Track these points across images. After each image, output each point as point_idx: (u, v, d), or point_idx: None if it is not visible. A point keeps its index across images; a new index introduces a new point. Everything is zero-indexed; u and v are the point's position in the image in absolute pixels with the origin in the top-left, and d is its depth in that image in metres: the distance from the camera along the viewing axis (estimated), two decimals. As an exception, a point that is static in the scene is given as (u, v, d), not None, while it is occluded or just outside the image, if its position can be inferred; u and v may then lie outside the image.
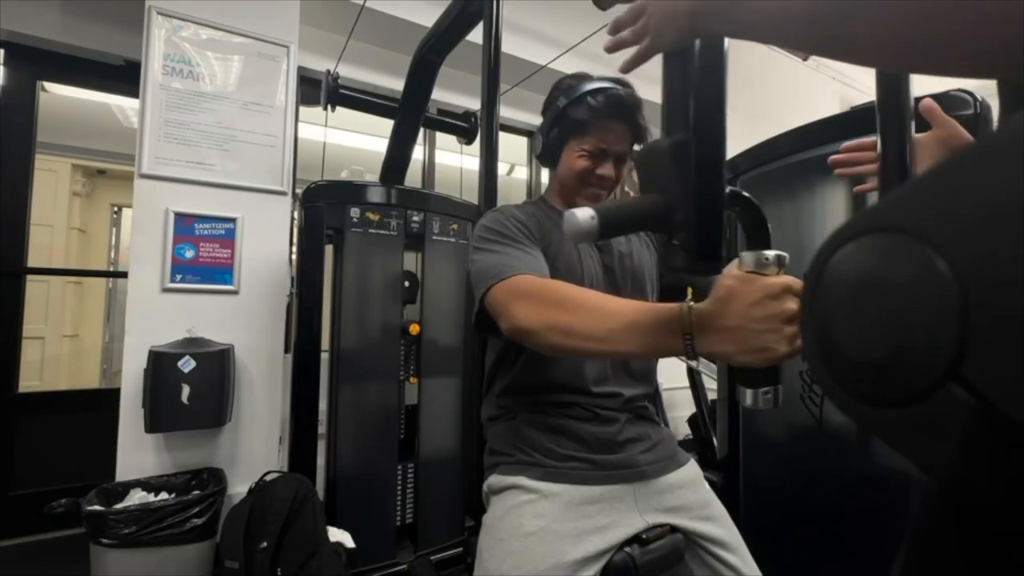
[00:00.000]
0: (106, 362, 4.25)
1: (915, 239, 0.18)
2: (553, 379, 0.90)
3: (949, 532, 0.20)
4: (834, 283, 0.20)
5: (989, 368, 0.16)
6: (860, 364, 0.19)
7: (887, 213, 0.19)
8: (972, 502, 0.18)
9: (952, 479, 0.18)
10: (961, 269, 0.17)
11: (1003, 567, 0.18)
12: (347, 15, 2.36)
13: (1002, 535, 0.18)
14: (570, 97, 0.94)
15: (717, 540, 0.88)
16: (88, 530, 1.47)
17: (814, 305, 0.21)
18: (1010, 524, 0.17)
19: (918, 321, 0.17)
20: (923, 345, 0.17)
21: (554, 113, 0.96)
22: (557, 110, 0.95)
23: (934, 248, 0.17)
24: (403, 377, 2.08)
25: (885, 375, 0.18)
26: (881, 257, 0.19)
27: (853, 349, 0.19)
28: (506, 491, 0.88)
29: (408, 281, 2.09)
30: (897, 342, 0.18)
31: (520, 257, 0.82)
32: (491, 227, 0.88)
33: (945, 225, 0.17)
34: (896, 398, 0.18)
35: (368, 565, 1.85)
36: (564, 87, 0.98)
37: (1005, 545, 0.18)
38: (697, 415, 2.58)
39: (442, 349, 2.15)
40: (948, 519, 0.20)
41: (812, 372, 0.21)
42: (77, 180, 4.07)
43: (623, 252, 1.01)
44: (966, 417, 0.16)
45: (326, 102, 2.16)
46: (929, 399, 0.17)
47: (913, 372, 0.17)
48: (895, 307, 0.18)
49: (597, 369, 0.91)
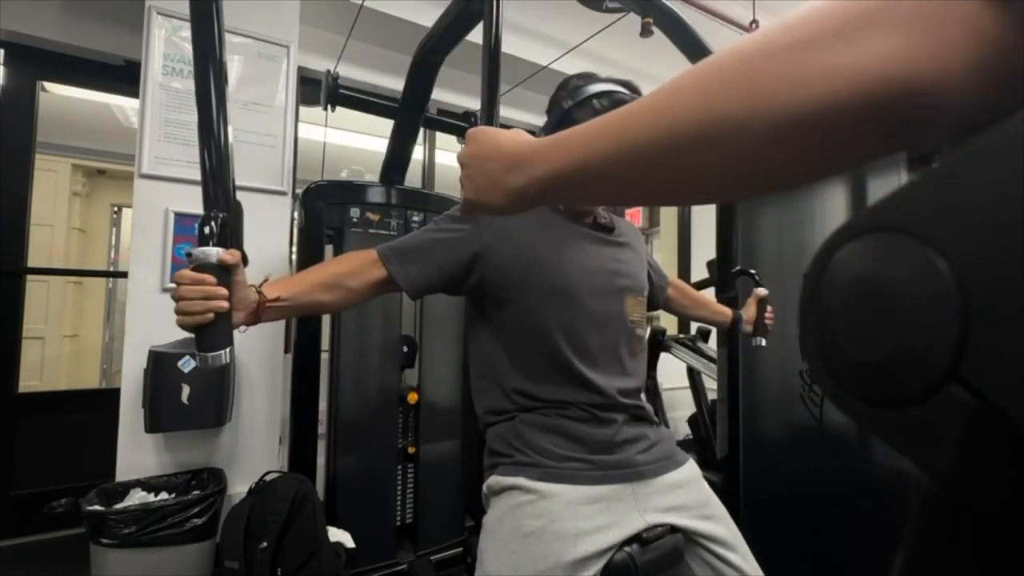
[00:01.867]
0: (106, 362, 4.25)
1: (915, 239, 0.18)
2: (545, 373, 0.90)
3: (949, 533, 0.20)
4: (834, 283, 0.20)
5: (989, 368, 0.16)
6: (860, 364, 0.19)
7: (887, 213, 0.19)
8: (972, 503, 0.18)
9: (952, 479, 0.18)
10: (961, 269, 0.17)
11: (1003, 568, 0.18)
12: (347, 15, 2.36)
13: (1002, 536, 0.18)
14: (575, 99, 0.94)
15: (718, 539, 0.88)
16: (88, 530, 1.47)
17: (814, 305, 0.21)
18: (1010, 525, 0.17)
19: (918, 321, 0.17)
20: (923, 345, 0.17)
21: (558, 114, 0.96)
22: (561, 111, 0.95)
23: (934, 248, 0.17)
24: (403, 386, 2.08)
25: (885, 375, 0.18)
26: (881, 257, 0.19)
27: (853, 349, 0.19)
28: (505, 492, 0.88)
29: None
30: (897, 342, 0.18)
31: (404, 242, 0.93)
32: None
33: (945, 225, 0.17)
34: (896, 398, 0.18)
35: (368, 565, 1.85)
36: (570, 88, 0.98)
37: (1005, 546, 0.18)
38: (697, 415, 2.59)
39: (443, 348, 2.15)
40: (948, 520, 0.20)
41: (812, 372, 0.21)
42: (77, 180, 4.07)
43: (617, 248, 1.02)
44: (966, 417, 0.16)
45: (326, 102, 2.16)
46: (929, 399, 0.17)
47: (913, 372, 0.17)
48: (895, 307, 0.18)
49: (589, 361, 0.91)
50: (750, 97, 0.27)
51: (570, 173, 0.40)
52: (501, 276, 0.91)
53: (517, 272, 0.91)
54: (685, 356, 2.42)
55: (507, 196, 0.48)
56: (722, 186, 0.33)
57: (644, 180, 0.36)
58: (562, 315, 0.91)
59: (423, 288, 0.92)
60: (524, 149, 0.46)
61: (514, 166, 0.46)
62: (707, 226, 2.57)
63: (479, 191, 0.51)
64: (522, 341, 0.92)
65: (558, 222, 0.98)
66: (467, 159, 0.54)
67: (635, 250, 1.06)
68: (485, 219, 0.93)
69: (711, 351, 2.35)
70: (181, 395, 1.66)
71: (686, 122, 0.31)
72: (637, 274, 1.02)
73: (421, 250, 0.92)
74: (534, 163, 0.44)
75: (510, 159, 0.47)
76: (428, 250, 0.92)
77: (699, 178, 0.33)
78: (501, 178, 0.48)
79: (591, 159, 0.38)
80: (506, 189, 0.47)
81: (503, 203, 0.49)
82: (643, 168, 0.35)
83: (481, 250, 0.91)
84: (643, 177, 0.35)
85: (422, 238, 0.93)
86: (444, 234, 0.93)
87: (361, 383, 1.95)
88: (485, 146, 0.51)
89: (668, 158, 0.32)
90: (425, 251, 0.91)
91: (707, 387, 2.49)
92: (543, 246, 0.93)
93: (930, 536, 0.21)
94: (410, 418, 2.05)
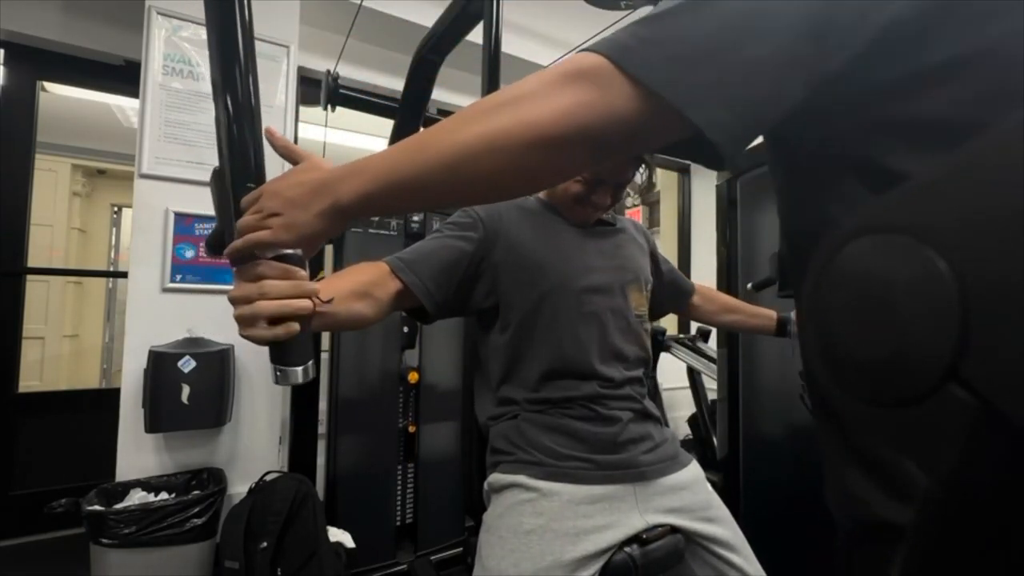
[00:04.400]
0: (106, 362, 4.25)
1: (915, 239, 0.18)
2: (550, 374, 0.91)
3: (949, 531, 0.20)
4: (835, 283, 0.20)
5: (988, 368, 0.16)
6: (861, 364, 0.19)
7: (888, 214, 0.19)
8: (971, 501, 0.18)
9: (952, 478, 0.18)
10: (961, 269, 0.17)
11: (1003, 566, 0.18)
12: (347, 15, 2.36)
13: (1001, 534, 0.18)
14: None
15: (720, 540, 0.88)
16: (88, 530, 1.47)
17: (815, 305, 0.21)
18: (1009, 523, 0.17)
19: (918, 321, 0.17)
20: (923, 345, 0.17)
21: None
22: None
23: (934, 248, 0.17)
24: (403, 393, 2.08)
25: (885, 375, 0.18)
26: (882, 258, 0.19)
27: (854, 349, 0.19)
28: (506, 489, 0.88)
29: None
30: (897, 342, 0.18)
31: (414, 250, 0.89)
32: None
33: (945, 226, 0.17)
34: (896, 398, 0.18)
35: (368, 565, 1.85)
36: None
37: (1004, 544, 0.18)
38: (697, 415, 2.58)
39: (444, 329, 2.15)
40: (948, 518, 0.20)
41: (807, 373, 0.21)
42: (77, 180, 4.07)
43: (617, 243, 1.02)
44: (966, 417, 0.16)
45: (326, 102, 2.16)
46: (929, 399, 0.17)
47: (913, 372, 0.17)
48: (895, 307, 0.18)
49: (594, 357, 0.92)
50: (487, 132, 0.43)
51: (379, 191, 0.48)
52: (506, 279, 0.92)
53: (521, 275, 0.92)
54: (685, 356, 2.42)
55: (319, 219, 0.51)
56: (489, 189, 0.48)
57: (434, 191, 0.47)
58: (565, 314, 0.91)
59: (440, 300, 0.87)
60: (322, 176, 0.51)
61: (318, 191, 0.50)
62: (708, 226, 2.57)
63: (287, 224, 0.51)
64: (526, 344, 0.92)
65: (559, 224, 0.98)
66: (262, 203, 0.52)
67: (638, 243, 1.07)
68: (489, 225, 0.93)
69: (711, 351, 2.34)
70: (181, 395, 1.66)
71: (452, 153, 0.44)
72: (640, 268, 1.03)
73: (432, 257, 0.88)
74: (338, 186, 0.49)
75: (312, 186, 0.51)
76: (438, 257, 0.88)
77: (472, 186, 0.46)
78: (309, 204, 0.50)
79: (395, 180, 0.47)
80: (314, 211, 0.50)
81: (319, 226, 0.51)
82: (428, 182, 0.46)
83: (487, 255, 0.92)
84: (433, 189, 0.47)
85: (431, 246, 0.90)
86: (451, 240, 0.91)
87: (362, 361, 1.97)
88: (280, 186, 0.52)
89: (449, 173, 0.45)
90: (435, 258, 0.88)
91: (707, 387, 2.49)
92: (545, 248, 0.93)
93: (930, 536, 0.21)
94: (410, 397, 2.06)
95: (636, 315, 0.98)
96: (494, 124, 0.42)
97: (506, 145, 0.42)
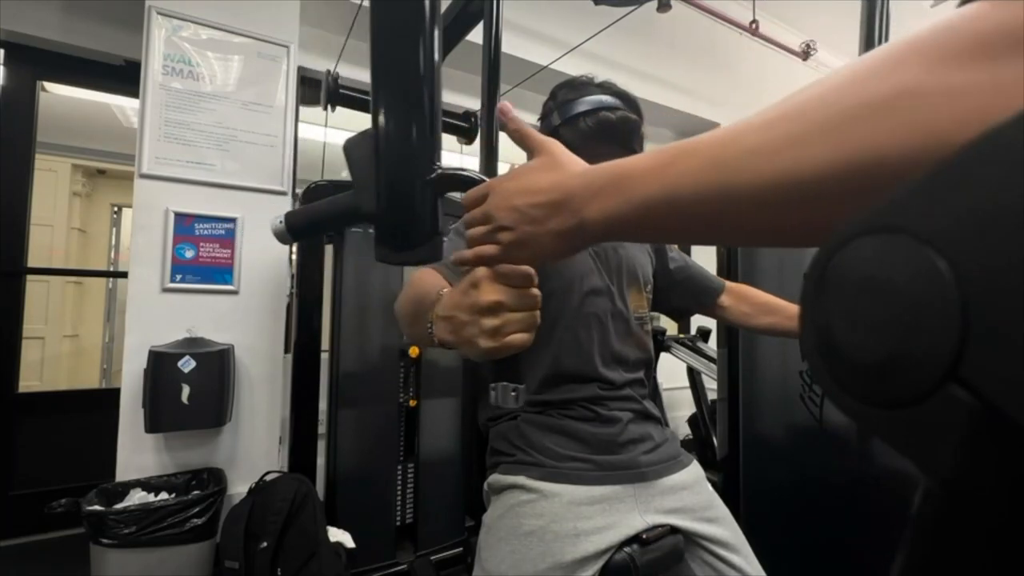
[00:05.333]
0: (106, 362, 4.25)
1: (915, 239, 0.18)
2: (550, 378, 0.91)
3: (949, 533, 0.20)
4: (835, 284, 0.20)
5: (989, 368, 0.16)
6: (860, 364, 0.19)
7: (887, 213, 0.19)
8: (972, 503, 0.18)
9: (952, 480, 0.18)
10: (961, 269, 0.17)
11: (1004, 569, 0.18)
12: (347, 15, 2.36)
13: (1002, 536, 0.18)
14: (564, 116, 0.93)
15: (720, 541, 0.88)
16: (88, 530, 1.47)
17: (815, 306, 0.21)
18: (1010, 525, 0.17)
19: (918, 321, 0.17)
20: (923, 345, 0.17)
21: (547, 128, 0.96)
22: (549, 126, 0.95)
23: (934, 248, 0.17)
24: (403, 396, 2.07)
25: (885, 375, 0.18)
26: (881, 257, 0.19)
27: (853, 349, 0.19)
28: (506, 490, 0.88)
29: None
30: (897, 342, 0.18)
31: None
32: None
33: (945, 225, 0.17)
34: (896, 398, 0.18)
35: (368, 565, 1.85)
36: (560, 101, 0.97)
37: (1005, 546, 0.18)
38: (697, 415, 2.59)
39: (444, 353, 2.15)
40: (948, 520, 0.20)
41: (812, 372, 0.21)
42: (77, 180, 4.07)
43: (616, 245, 1.01)
44: (966, 418, 0.16)
45: (326, 102, 2.16)
46: (929, 399, 0.17)
47: (913, 372, 0.17)
48: (895, 307, 0.18)
49: (595, 358, 0.92)
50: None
51: (639, 218, 0.36)
52: None
53: None
54: (685, 356, 2.42)
55: (557, 239, 0.42)
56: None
57: (737, 222, 0.33)
58: (565, 318, 0.91)
59: None
60: (566, 184, 0.42)
61: (558, 206, 0.41)
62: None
63: (518, 242, 0.45)
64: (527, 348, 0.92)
65: None
66: (490, 211, 0.47)
67: (640, 249, 1.06)
68: None
69: (711, 351, 2.34)
70: (181, 395, 1.66)
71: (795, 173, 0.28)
72: (639, 268, 1.03)
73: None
74: (587, 204, 0.39)
75: (552, 197, 0.42)
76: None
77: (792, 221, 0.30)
78: (546, 219, 0.42)
79: (676, 198, 0.34)
80: (554, 232, 0.42)
81: (555, 247, 0.43)
82: (738, 212, 0.32)
83: None
84: (737, 220, 0.32)
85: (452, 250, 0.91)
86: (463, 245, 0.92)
87: (363, 335, 1.97)
88: (512, 189, 0.45)
89: (773, 206, 0.30)
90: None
91: (707, 387, 2.49)
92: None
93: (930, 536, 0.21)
94: (411, 372, 2.07)
95: (636, 317, 0.98)
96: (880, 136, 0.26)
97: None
